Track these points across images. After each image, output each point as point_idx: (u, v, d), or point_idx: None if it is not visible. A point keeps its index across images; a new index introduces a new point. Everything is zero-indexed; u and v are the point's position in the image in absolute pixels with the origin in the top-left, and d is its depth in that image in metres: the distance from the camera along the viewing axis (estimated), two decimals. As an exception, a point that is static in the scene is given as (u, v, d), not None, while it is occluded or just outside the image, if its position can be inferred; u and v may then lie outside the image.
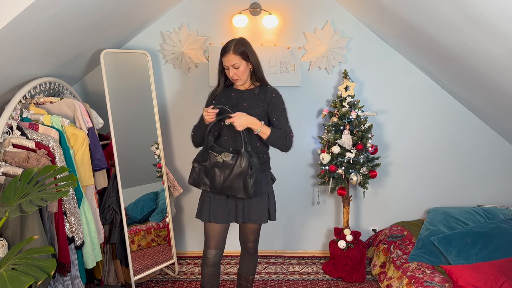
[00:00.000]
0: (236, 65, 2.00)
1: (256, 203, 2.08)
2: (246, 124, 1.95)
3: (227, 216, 2.08)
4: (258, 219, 2.11)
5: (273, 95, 2.08)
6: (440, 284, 2.24)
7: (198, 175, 2.04)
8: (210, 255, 2.14)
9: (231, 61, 2.00)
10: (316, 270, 3.06)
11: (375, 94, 3.03)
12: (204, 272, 2.19)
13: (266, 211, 2.14)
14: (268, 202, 2.14)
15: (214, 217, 2.07)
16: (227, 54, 2.00)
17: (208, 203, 2.09)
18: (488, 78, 2.26)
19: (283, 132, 2.05)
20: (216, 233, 2.12)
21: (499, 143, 3.10)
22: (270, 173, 2.20)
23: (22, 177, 1.74)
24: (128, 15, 2.45)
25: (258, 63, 2.08)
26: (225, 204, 2.07)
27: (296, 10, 2.92)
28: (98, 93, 2.92)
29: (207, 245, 2.14)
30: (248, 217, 2.10)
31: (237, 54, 1.99)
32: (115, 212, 2.57)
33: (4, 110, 1.98)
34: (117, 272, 2.72)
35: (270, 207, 2.15)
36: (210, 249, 2.14)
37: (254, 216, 2.10)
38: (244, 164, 1.94)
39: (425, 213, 3.18)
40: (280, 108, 2.09)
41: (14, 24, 1.54)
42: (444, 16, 1.93)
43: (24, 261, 1.52)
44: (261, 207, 2.10)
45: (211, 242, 2.13)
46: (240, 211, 2.08)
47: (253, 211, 2.09)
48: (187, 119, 3.06)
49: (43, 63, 2.18)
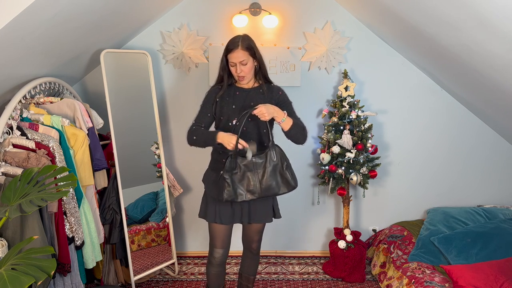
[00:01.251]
0: (244, 62, 1.94)
1: (261, 202, 2.06)
2: (272, 113, 1.89)
3: (231, 217, 2.06)
4: (263, 218, 2.09)
5: (280, 93, 2.07)
6: (440, 284, 2.24)
7: (233, 187, 1.90)
8: (217, 255, 2.12)
9: (240, 57, 1.93)
10: (316, 270, 3.06)
11: (375, 94, 3.03)
12: (210, 272, 2.18)
13: (271, 209, 2.12)
14: (272, 200, 2.13)
15: (220, 218, 2.04)
16: (236, 49, 1.93)
17: (213, 204, 2.06)
18: (488, 78, 2.26)
19: (301, 123, 2.03)
20: (222, 233, 2.10)
21: (499, 143, 3.10)
22: None
23: (22, 177, 1.74)
24: (128, 15, 2.45)
25: (262, 60, 2.05)
26: (230, 205, 2.04)
27: (296, 10, 2.92)
28: (98, 93, 2.91)
29: (214, 245, 2.12)
30: (254, 217, 2.07)
31: (245, 49, 1.94)
32: (115, 212, 2.57)
33: (4, 110, 1.98)
34: (117, 272, 2.72)
35: (274, 205, 2.15)
36: (216, 248, 2.12)
37: (260, 216, 2.08)
38: (276, 157, 1.88)
39: (425, 213, 3.18)
40: (288, 103, 2.07)
41: (14, 24, 1.54)
42: (444, 16, 1.93)
43: (24, 261, 1.51)
44: (266, 206, 2.09)
45: (217, 241, 2.11)
46: (245, 212, 2.06)
47: (258, 211, 2.07)
48: (187, 119, 3.06)
49: (43, 63, 2.18)
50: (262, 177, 1.91)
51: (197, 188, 3.16)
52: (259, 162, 1.91)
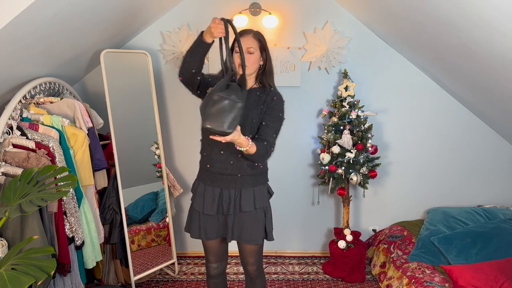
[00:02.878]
0: (252, 50, 1.80)
1: (250, 219, 1.86)
2: (231, 140, 1.63)
3: (217, 231, 1.90)
4: (251, 238, 1.87)
5: (274, 98, 1.85)
6: (440, 284, 2.24)
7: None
8: (211, 269, 2.05)
9: (249, 43, 1.80)
10: (316, 270, 3.06)
11: (375, 94, 3.03)
12: (209, 284, 2.12)
13: (262, 229, 1.90)
14: (264, 219, 1.90)
15: (205, 234, 1.90)
16: (247, 35, 1.82)
17: (197, 219, 1.91)
18: (488, 78, 2.26)
19: (265, 146, 1.77)
20: (214, 248, 1.99)
21: (499, 143, 3.10)
22: (267, 186, 1.98)
23: (22, 177, 1.74)
24: (128, 15, 2.45)
25: (271, 63, 1.89)
26: (216, 219, 1.89)
27: (296, 10, 2.92)
28: (98, 93, 2.92)
29: (207, 259, 2.04)
30: (240, 236, 1.87)
31: (255, 39, 1.83)
32: (115, 212, 2.57)
33: (4, 110, 1.98)
34: (117, 272, 2.72)
35: (267, 225, 1.92)
36: (210, 263, 2.04)
37: (247, 235, 1.86)
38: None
39: (425, 213, 3.18)
40: (275, 114, 1.84)
41: (14, 24, 1.54)
42: (444, 16, 1.93)
43: (24, 261, 1.51)
44: (255, 225, 1.87)
45: (211, 256, 2.02)
46: (230, 228, 1.87)
47: (246, 229, 1.86)
48: (187, 119, 3.07)
49: (43, 63, 2.18)
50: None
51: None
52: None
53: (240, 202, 1.85)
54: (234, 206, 1.86)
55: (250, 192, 1.87)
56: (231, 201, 1.86)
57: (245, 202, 1.85)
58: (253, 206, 1.86)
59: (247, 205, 1.85)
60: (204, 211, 1.87)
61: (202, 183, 1.92)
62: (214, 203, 1.86)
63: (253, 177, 1.88)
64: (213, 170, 1.87)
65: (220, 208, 1.87)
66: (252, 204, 1.86)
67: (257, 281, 2.05)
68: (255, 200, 1.87)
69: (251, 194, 1.87)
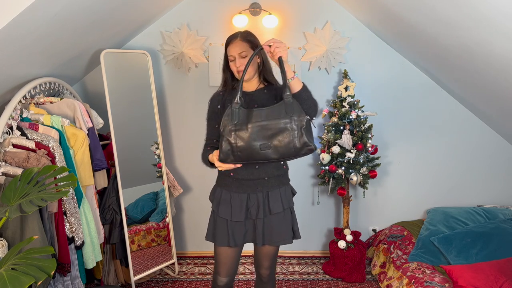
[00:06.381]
0: (244, 54, 1.74)
1: (279, 221, 1.84)
2: (286, 51, 1.63)
3: (243, 237, 1.85)
4: (282, 239, 1.86)
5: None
6: (440, 284, 2.24)
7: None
8: (220, 283, 1.93)
9: (238, 49, 1.74)
10: (316, 270, 3.06)
11: (375, 94, 3.03)
12: None
13: (291, 229, 1.89)
14: (291, 219, 1.90)
15: (234, 240, 1.83)
16: (234, 41, 1.76)
17: (225, 226, 1.84)
18: (488, 78, 2.26)
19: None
20: (229, 260, 1.90)
21: (499, 143, 3.10)
22: (290, 186, 1.95)
23: (22, 177, 1.74)
24: (128, 15, 2.45)
25: (267, 58, 1.84)
26: (243, 225, 1.84)
27: (296, 10, 2.92)
28: (98, 93, 2.92)
29: (217, 272, 1.93)
30: (270, 239, 1.85)
31: (244, 41, 1.76)
32: (115, 212, 2.57)
33: (4, 110, 1.98)
34: (117, 272, 2.72)
35: (293, 224, 1.92)
36: (220, 277, 1.92)
37: (277, 236, 1.84)
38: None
39: (425, 213, 3.18)
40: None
41: (14, 24, 1.54)
42: (444, 16, 1.93)
43: (24, 261, 1.51)
44: (284, 226, 1.85)
45: (222, 269, 1.91)
46: (260, 232, 1.84)
47: (276, 230, 1.84)
48: (187, 119, 3.07)
49: (43, 63, 2.18)
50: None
51: (197, 188, 3.16)
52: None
53: (269, 205, 1.82)
54: (264, 210, 1.82)
55: (277, 194, 1.85)
56: (259, 205, 1.82)
57: (274, 204, 1.83)
58: (282, 207, 1.84)
59: (276, 207, 1.83)
60: (233, 218, 1.82)
61: (226, 190, 1.86)
62: (242, 209, 1.82)
63: (279, 178, 1.86)
64: (238, 177, 1.82)
65: (248, 214, 1.83)
66: (281, 205, 1.84)
67: (269, 284, 2.03)
68: (283, 201, 1.85)
69: (278, 196, 1.85)
